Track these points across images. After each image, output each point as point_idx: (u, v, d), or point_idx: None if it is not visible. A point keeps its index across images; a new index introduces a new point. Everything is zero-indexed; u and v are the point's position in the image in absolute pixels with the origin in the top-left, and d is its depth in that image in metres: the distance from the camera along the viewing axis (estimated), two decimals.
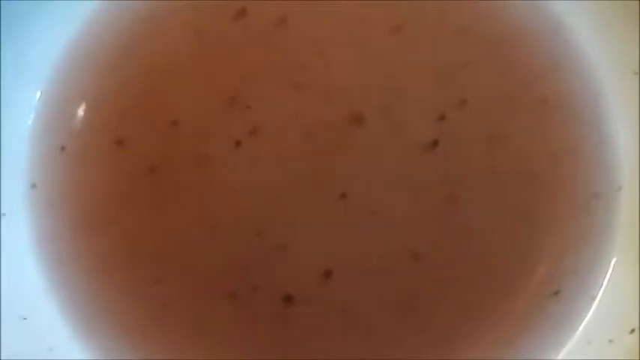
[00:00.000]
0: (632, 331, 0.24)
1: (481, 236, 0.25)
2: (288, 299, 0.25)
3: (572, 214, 0.26)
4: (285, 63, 0.26)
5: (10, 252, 0.25)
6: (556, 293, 0.26)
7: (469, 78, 0.26)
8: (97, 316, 0.25)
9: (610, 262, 0.26)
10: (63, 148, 0.26)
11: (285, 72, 0.26)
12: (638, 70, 0.25)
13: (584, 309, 0.25)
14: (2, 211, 0.25)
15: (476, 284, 0.25)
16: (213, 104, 0.25)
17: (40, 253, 0.26)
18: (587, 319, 0.25)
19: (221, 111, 0.25)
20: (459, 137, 0.25)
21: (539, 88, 0.26)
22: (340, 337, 0.25)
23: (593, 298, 0.26)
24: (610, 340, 0.25)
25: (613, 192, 0.26)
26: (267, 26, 0.26)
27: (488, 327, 0.25)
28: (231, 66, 0.26)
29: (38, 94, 0.26)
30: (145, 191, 0.25)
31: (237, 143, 0.25)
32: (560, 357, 0.25)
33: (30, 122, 0.26)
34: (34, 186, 0.26)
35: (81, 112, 0.26)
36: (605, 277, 0.26)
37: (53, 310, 0.26)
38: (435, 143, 0.25)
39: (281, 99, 0.25)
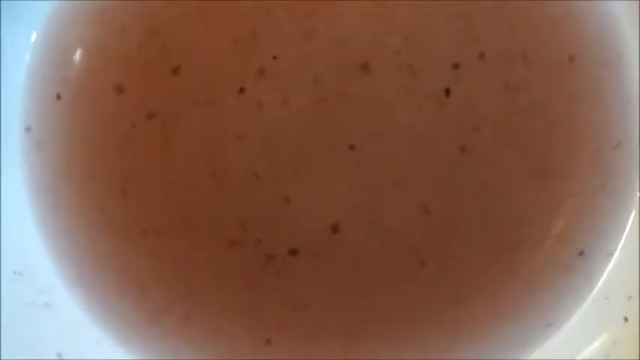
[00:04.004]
0: None
1: (494, 188, 0.24)
2: (294, 252, 0.24)
3: (591, 165, 0.25)
4: (294, 10, 0.24)
5: (4, 205, 0.24)
6: (581, 254, 0.25)
7: (485, 30, 0.24)
8: (94, 269, 0.25)
9: (629, 216, 0.25)
10: (58, 96, 0.25)
11: (293, 19, 0.24)
12: None
13: (602, 265, 0.25)
14: None
15: (488, 238, 0.24)
16: (217, 50, 0.24)
17: (36, 203, 0.25)
18: (605, 275, 0.25)
19: (225, 57, 0.24)
20: (473, 86, 0.24)
21: (562, 43, 0.25)
22: (346, 290, 0.24)
23: (612, 254, 0.25)
24: (629, 297, 0.24)
25: (633, 142, 0.25)
26: None
27: (499, 282, 0.24)
28: (238, 12, 0.24)
29: (33, 37, 0.25)
30: (144, 138, 0.24)
31: (242, 90, 0.24)
32: (577, 313, 0.24)
33: (24, 68, 0.25)
34: (28, 129, 0.25)
35: (77, 58, 0.25)
36: (624, 231, 0.25)
37: (49, 265, 0.25)
38: (448, 92, 0.24)
39: (289, 46, 0.24)
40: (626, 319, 0.23)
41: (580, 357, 0.24)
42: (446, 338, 0.24)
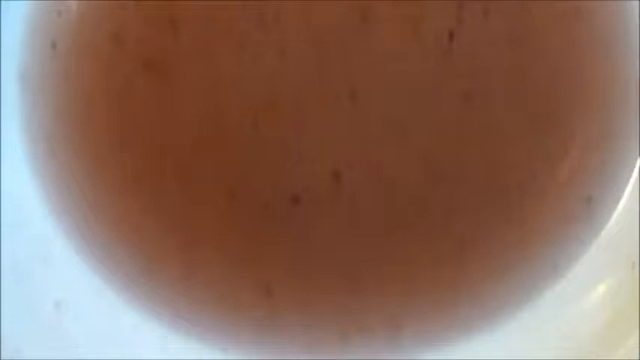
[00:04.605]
0: None
1: (498, 136, 0.24)
2: (296, 201, 0.24)
3: (597, 110, 0.24)
4: None
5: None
6: (588, 199, 0.24)
7: None
8: (93, 222, 0.24)
9: (637, 160, 0.24)
10: (54, 45, 0.24)
11: None
12: None
13: (610, 210, 0.24)
14: None
15: (492, 185, 0.24)
16: (216, 3, 0.24)
17: (32, 153, 0.24)
18: (613, 220, 0.24)
19: (224, 9, 0.24)
20: (477, 32, 0.24)
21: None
22: (351, 237, 0.24)
23: (619, 199, 0.24)
24: (637, 242, 0.23)
25: None
26: None
27: (504, 228, 0.24)
28: None
29: None
30: (141, 88, 0.24)
31: (241, 41, 0.24)
32: (583, 258, 0.24)
33: (19, 18, 0.24)
34: (23, 78, 0.24)
35: (74, 6, 0.25)
36: (631, 176, 0.24)
37: (46, 215, 0.24)
38: (451, 36, 0.24)
39: None
40: (634, 265, 0.23)
41: (585, 302, 0.23)
42: (449, 286, 0.24)
